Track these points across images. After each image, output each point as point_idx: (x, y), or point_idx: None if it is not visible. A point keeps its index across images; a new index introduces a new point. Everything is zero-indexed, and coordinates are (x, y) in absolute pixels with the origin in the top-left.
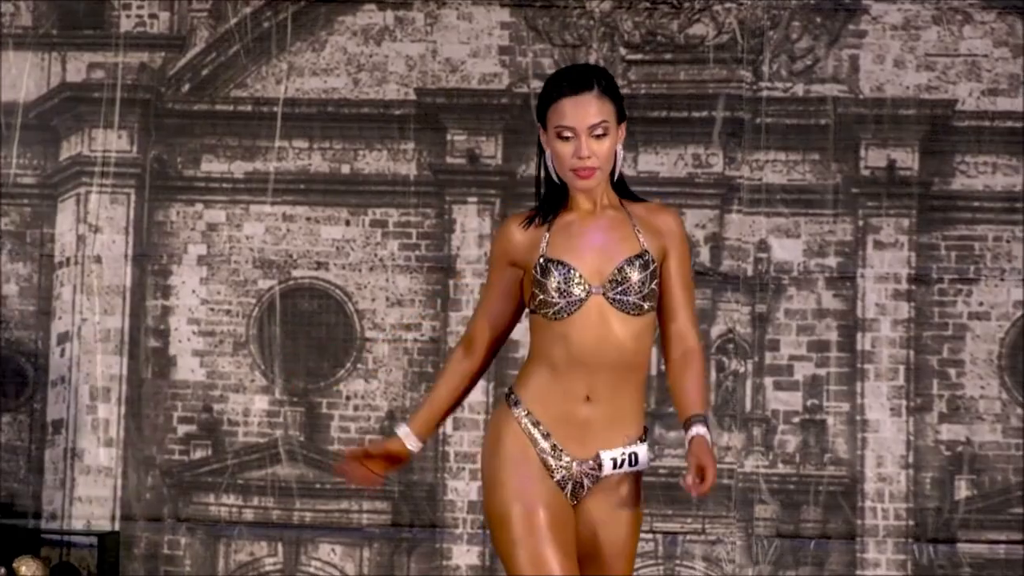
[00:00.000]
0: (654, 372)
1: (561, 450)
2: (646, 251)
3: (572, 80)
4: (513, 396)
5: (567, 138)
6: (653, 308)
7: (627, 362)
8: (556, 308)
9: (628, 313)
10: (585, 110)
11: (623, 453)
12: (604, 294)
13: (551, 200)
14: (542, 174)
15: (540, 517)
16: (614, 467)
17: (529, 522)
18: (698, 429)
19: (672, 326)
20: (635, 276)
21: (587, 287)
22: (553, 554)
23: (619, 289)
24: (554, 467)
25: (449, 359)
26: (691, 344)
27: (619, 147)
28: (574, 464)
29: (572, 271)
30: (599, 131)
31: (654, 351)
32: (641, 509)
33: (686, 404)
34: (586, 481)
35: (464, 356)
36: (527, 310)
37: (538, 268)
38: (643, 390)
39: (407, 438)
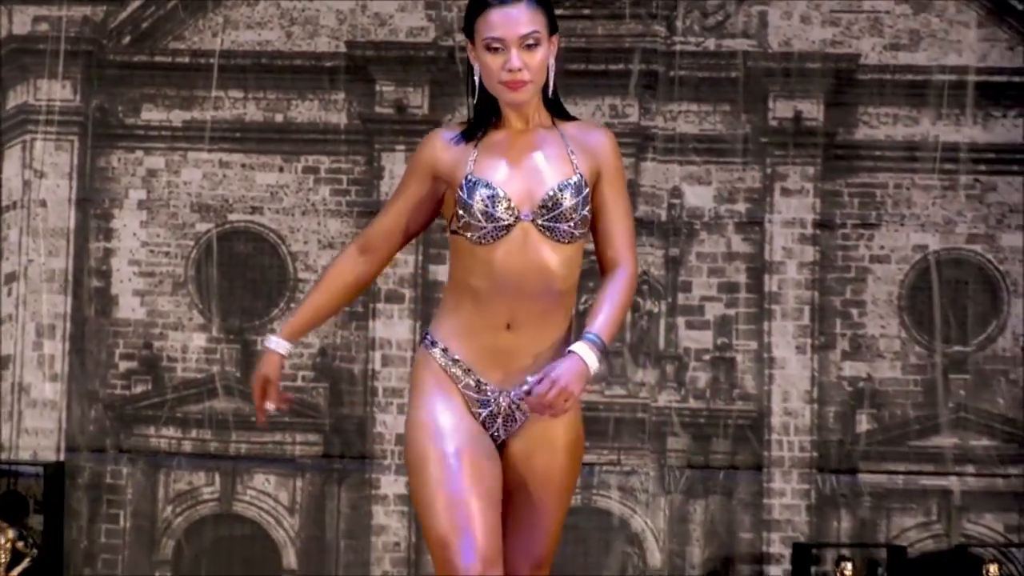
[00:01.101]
0: None
1: (485, 384)
2: (580, 175)
3: None
4: (429, 337)
5: (496, 49)
6: (585, 235)
7: (554, 290)
8: (482, 232)
9: (559, 240)
10: (515, 19)
11: None
12: (534, 220)
13: (482, 117)
14: (474, 94)
15: (460, 460)
16: None
17: (447, 464)
18: (577, 345)
19: (608, 252)
20: (568, 202)
21: (515, 212)
22: (472, 500)
23: (550, 216)
24: (479, 402)
25: (340, 261)
26: (622, 266)
27: (552, 60)
28: (501, 396)
29: (499, 194)
30: (530, 41)
31: None
32: (581, 438)
33: (588, 322)
34: (517, 414)
35: (358, 260)
36: (448, 232)
37: (463, 188)
38: (570, 318)
39: (278, 345)
